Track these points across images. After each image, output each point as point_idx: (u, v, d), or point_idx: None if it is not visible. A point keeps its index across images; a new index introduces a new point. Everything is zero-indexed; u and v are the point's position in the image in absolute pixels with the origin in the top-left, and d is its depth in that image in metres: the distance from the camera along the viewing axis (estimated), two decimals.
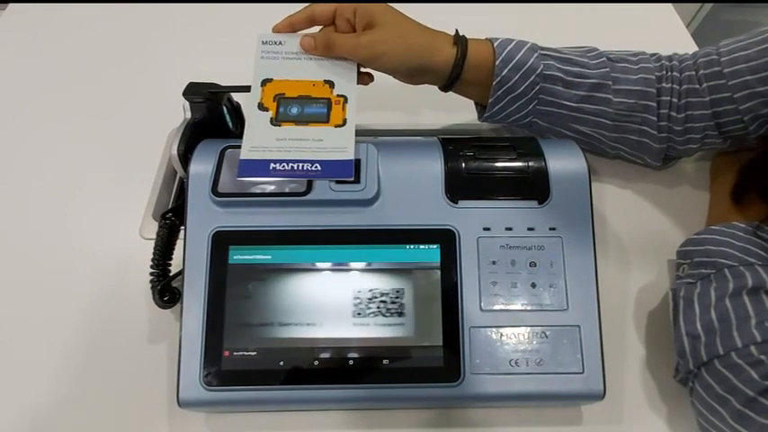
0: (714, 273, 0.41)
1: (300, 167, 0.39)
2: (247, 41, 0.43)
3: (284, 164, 0.40)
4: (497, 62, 0.45)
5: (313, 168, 0.39)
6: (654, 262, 0.49)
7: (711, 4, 1.30)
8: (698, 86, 0.46)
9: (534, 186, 0.41)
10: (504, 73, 0.45)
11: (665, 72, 0.47)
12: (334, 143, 0.41)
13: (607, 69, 0.46)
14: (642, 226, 0.52)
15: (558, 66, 0.46)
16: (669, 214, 0.53)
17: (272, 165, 0.39)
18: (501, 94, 0.46)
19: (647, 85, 0.46)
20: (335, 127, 0.42)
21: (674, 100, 0.46)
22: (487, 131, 0.60)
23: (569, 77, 0.46)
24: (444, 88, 0.48)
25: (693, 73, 0.46)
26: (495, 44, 0.45)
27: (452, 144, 0.43)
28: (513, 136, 0.58)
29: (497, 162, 0.42)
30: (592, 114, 0.47)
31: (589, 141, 0.50)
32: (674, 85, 0.46)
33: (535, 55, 0.45)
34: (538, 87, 0.46)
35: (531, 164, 0.42)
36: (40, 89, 0.63)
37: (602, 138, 0.49)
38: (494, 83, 0.45)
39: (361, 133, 0.57)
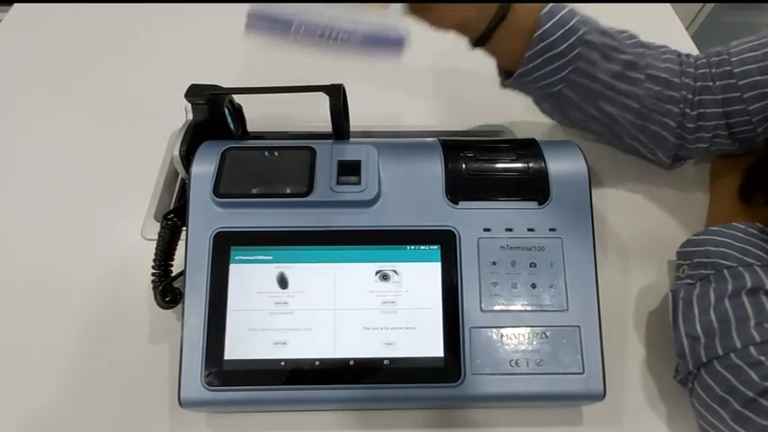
0: (713, 273, 0.41)
1: (334, 33, 0.33)
2: (249, 43, 0.43)
3: (313, 27, 0.33)
4: (542, 12, 0.42)
5: (351, 37, 0.33)
6: (654, 263, 0.50)
7: (712, 6, 1.30)
8: (711, 84, 0.45)
9: (534, 187, 0.41)
10: (547, 26, 0.42)
11: (684, 67, 0.46)
12: (377, 21, 0.34)
13: (641, 50, 0.45)
14: (642, 227, 0.52)
15: (598, 34, 0.44)
16: (669, 215, 0.53)
17: (295, 24, 0.33)
18: (539, 49, 0.43)
19: (672, 76, 0.46)
20: (378, 6, 0.34)
21: (689, 96, 0.46)
22: (488, 133, 0.60)
23: (607, 50, 0.44)
24: (483, 37, 0.44)
25: (707, 70, 0.45)
26: (546, 5, 0.43)
27: (453, 145, 0.43)
28: (513, 138, 0.58)
29: (497, 163, 0.42)
30: (622, 94, 0.46)
31: (610, 126, 0.49)
32: (690, 81, 0.46)
33: (577, 17, 0.43)
34: (576, 51, 0.43)
35: (530, 165, 0.42)
36: (42, 90, 0.63)
37: (626, 123, 0.48)
38: (535, 34, 0.42)
39: (361, 135, 0.58)
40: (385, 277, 0.39)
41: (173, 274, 0.43)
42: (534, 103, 0.52)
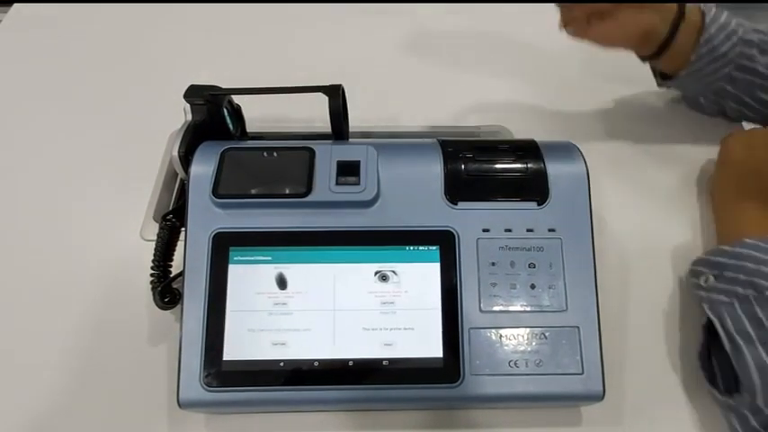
0: (755, 295, 0.39)
1: None
2: (249, 43, 0.44)
3: None
4: (707, 20, 0.45)
5: None
6: (653, 263, 0.50)
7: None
8: None
9: (533, 188, 0.41)
10: (712, 31, 0.46)
11: None
12: None
13: None
14: (641, 227, 0.52)
15: (753, 32, 0.46)
16: (669, 216, 0.53)
17: None
18: (705, 52, 0.47)
19: None
20: None
21: None
22: (487, 133, 0.60)
23: (763, 45, 0.47)
24: (664, 43, 0.47)
25: None
26: (702, 6, 0.46)
27: (452, 146, 0.43)
28: (512, 138, 0.58)
29: (497, 164, 0.42)
30: None
31: (763, 111, 0.51)
32: None
33: (734, 18, 0.46)
34: (737, 51, 0.47)
35: (530, 165, 0.42)
36: (41, 90, 0.63)
37: None
38: (702, 38, 0.46)
39: (360, 135, 0.58)
40: (384, 278, 0.39)
41: (172, 275, 0.43)
42: (686, 100, 0.54)
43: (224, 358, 0.37)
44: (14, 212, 0.52)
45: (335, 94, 0.43)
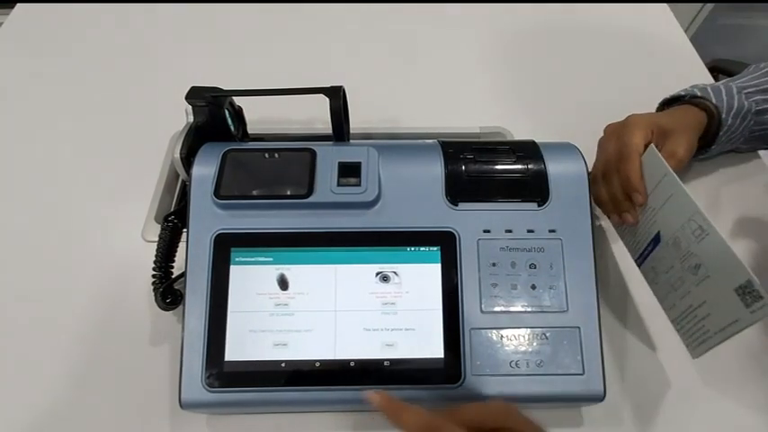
0: None
1: None
2: (250, 45, 0.44)
3: None
4: (724, 115, 0.50)
5: None
6: None
7: (710, 9, 1.30)
8: None
9: (534, 188, 0.41)
10: (729, 122, 0.50)
11: None
12: None
13: None
14: None
15: (764, 98, 0.51)
16: None
17: None
18: (725, 140, 0.52)
19: None
20: None
21: None
22: (487, 134, 0.60)
23: None
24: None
25: None
26: (715, 101, 0.50)
27: (452, 147, 0.43)
28: (512, 139, 0.59)
29: (497, 165, 0.42)
30: None
31: None
32: None
33: (743, 97, 0.50)
34: (751, 122, 0.52)
35: (530, 166, 0.42)
36: (43, 91, 0.63)
37: None
38: (721, 133, 0.50)
39: (362, 136, 0.58)
40: (385, 278, 0.39)
41: (173, 276, 0.43)
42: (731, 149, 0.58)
43: (225, 359, 0.37)
44: (16, 214, 0.53)
45: (336, 96, 0.43)
